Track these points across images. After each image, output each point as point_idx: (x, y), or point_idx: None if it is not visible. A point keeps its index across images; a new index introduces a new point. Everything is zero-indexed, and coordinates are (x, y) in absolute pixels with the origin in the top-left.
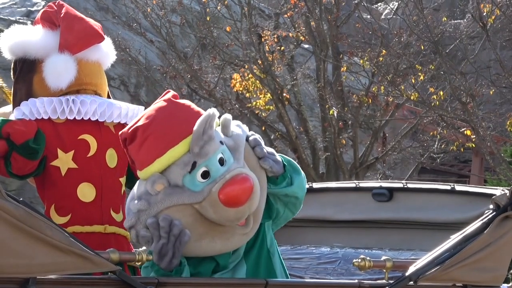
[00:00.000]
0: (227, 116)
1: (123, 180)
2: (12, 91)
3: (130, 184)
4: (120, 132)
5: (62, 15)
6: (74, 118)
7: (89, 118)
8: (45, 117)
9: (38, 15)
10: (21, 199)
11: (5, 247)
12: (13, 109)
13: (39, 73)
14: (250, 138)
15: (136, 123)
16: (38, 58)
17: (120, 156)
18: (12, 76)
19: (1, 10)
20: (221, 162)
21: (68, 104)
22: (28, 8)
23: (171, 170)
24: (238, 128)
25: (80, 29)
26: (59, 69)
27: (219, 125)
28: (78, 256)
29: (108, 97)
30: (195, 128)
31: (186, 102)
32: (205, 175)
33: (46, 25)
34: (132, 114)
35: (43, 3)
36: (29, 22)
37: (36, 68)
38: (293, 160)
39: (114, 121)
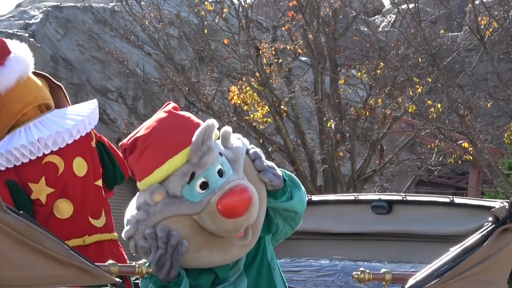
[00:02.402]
0: (227, 128)
1: (99, 182)
2: None
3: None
4: (120, 143)
5: None
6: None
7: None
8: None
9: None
10: (21, 211)
11: (4, 259)
12: None
13: None
14: (250, 151)
15: (136, 133)
16: None
17: (89, 161)
18: None
19: None
20: (220, 173)
21: (26, 149)
22: (26, 21)
23: (170, 180)
24: (238, 141)
25: None
26: None
27: (218, 138)
28: (78, 269)
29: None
30: (193, 138)
31: (186, 113)
32: (204, 186)
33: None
34: (86, 124)
35: (40, 16)
36: (26, 34)
37: None
38: (294, 175)
39: (68, 142)
